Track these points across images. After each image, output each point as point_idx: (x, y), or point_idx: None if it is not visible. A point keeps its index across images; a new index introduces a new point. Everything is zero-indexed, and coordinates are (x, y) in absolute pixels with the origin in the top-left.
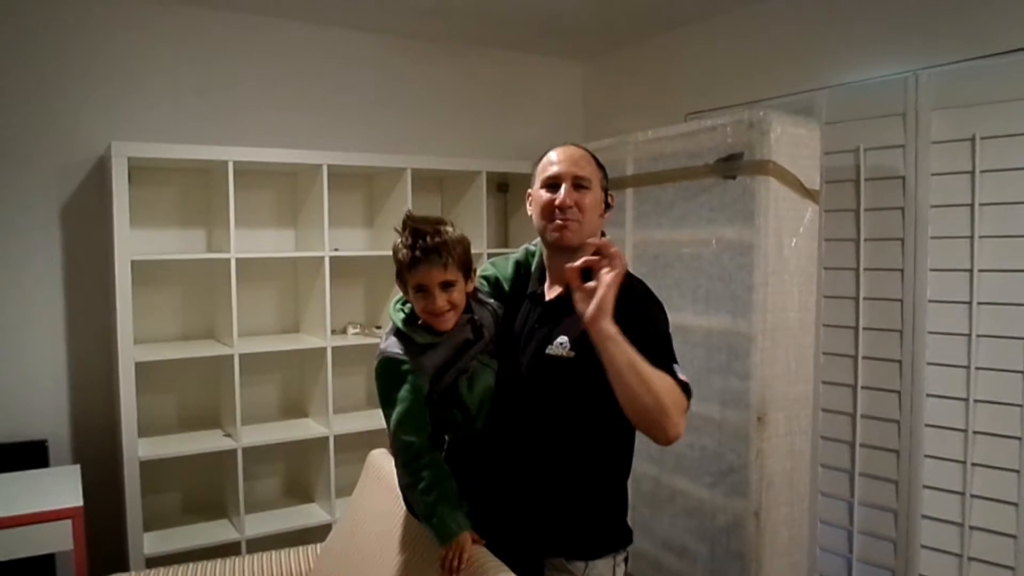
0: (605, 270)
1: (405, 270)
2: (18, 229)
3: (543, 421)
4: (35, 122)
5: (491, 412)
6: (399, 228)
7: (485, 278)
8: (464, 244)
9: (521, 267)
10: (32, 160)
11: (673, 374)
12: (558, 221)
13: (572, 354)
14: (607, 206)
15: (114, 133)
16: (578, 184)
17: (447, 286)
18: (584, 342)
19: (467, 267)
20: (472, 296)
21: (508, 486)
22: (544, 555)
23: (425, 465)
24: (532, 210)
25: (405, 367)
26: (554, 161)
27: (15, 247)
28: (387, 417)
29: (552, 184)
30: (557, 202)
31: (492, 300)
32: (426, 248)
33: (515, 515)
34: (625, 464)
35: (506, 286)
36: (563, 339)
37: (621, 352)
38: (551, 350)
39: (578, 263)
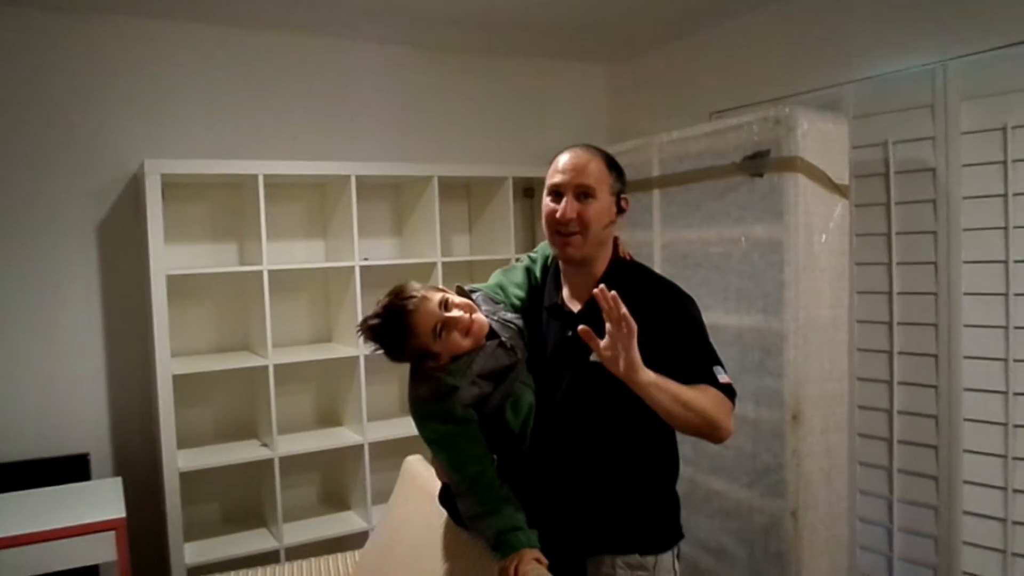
0: (625, 331)
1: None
2: (56, 248)
3: (599, 428)
4: (70, 142)
5: (536, 429)
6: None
7: (501, 287)
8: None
9: (531, 275)
10: (68, 180)
11: (714, 378)
12: (560, 235)
13: None
14: (620, 210)
15: (147, 151)
16: (581, 193)
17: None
18: None
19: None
20: (492, 320)
21: (569, 497)
22: (616, 554)
23: (498, 496)
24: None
25: (447, 402)
26: (559, 168)
27: (54, 266)
28: (447, 455)
29: (555, 193)
30: (558, 215)
31: (511, 314)
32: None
33: (581, 523)
34: (676, 457)
35: (521, 292)
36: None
37: (663, 393)
38: (596, 357)
39: (583, 329)
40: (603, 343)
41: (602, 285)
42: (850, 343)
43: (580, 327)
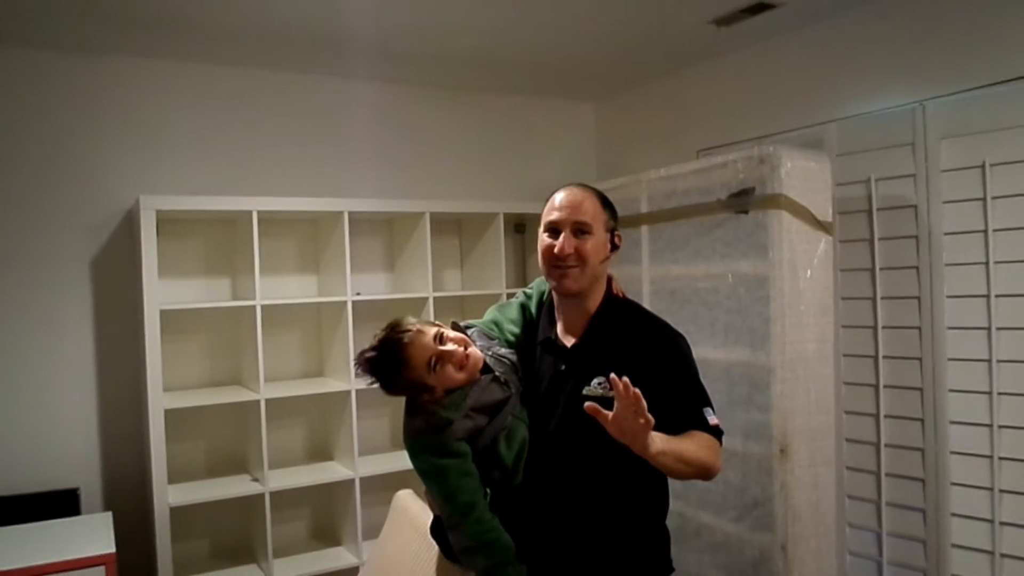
0: (632, 409)
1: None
2: (51, 283)
3: (590, 462)
4: (66, 179)
5: (529, 462)
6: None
7: (496, 323)
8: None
9: (526, 311)
10: (63, 216)
11: (704, 421)
12: (558, 270)
13: (612, 393)
14: (614, 247)
15: (142, 187)
16: (578, 230)
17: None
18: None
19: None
20: (487, 355)
21: (560, 531)
22: None
23: (489, 529)
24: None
25: (441, 435)
26: (556, 206)
27: (48, 300)
28: (439, 487)
29: (553, 229)
30: (556, 249)
31: (505, 349)
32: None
33: (572, 557)
34: (667, 492)
35: (516, 328)
36: (600, 379)
37: (668, 456)
38: (589, 390)
39: (589, 406)
40: (612, 417)
41: (612, 375)
42: (836, 377)
43: (587, 404)
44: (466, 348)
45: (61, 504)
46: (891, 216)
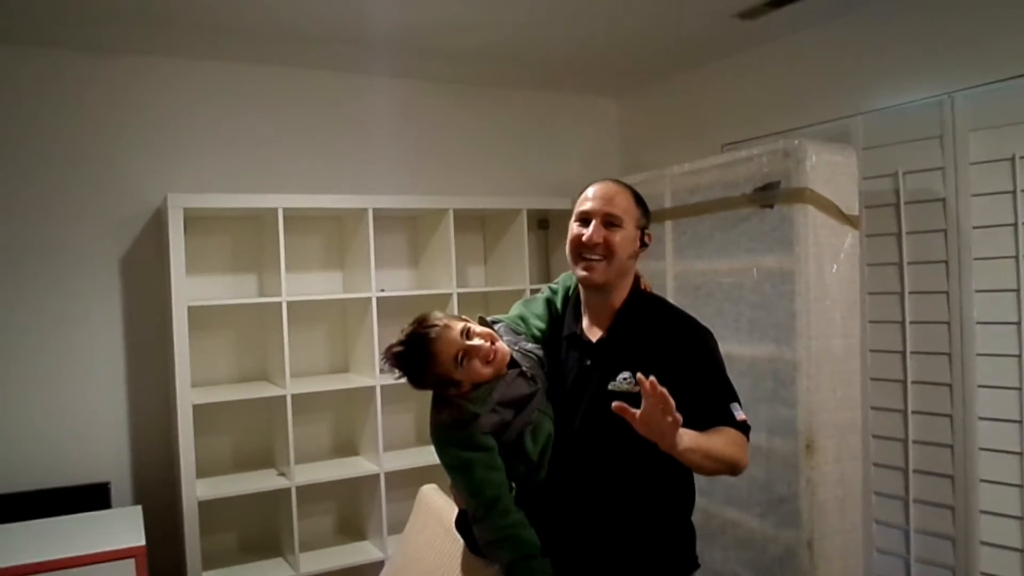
0: (660, 408)
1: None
2: (80, 280)
3: (615, 457)
4: (95, 178)
5: (554, 457)
6: None
7: (522, 318)
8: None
9: (552, 306)
10: (93, 214)
11: (731, 417)
12: (584, 260)
13: (637, 388)
14: (643, 244)
15: (170, 185)
16: (609, 222)
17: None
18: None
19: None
20: (513, 350)
21: (585, 526)
22: None
23: (514, 523)
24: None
25: (467, 429)
26: (589, 197)
27: (78, 297)
28: (465, 481)
29: (583, 219)
30: (584, 238)
31: (531, 344)
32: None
33: (597, 552)
34: (692, 487)
35: (542, 324)
36: (626, 374)
37: (696, 454)
38: (614, 386)
39: (617, 406)
40: (640, 415)
41: (639, 374)
42: (863, 372)
43: (615, 404)
44: (493, 343)
45: (92, 498)
46: (919, 210)
